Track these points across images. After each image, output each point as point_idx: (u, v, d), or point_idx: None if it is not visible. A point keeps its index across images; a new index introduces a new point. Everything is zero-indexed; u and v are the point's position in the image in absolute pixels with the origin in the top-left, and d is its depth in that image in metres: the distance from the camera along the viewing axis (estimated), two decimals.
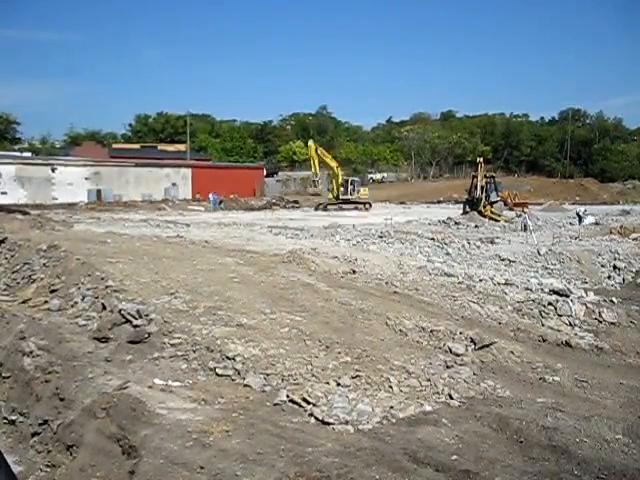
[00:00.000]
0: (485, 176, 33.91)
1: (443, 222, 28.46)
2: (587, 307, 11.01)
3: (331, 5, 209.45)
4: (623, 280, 15.57)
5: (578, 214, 31.48)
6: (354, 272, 12.80)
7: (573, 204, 51.04)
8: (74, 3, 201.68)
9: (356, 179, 48.06)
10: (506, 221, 30.87)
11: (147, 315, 8.31)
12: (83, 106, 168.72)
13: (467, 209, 33.07)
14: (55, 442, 6.28)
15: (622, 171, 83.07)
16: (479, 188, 32.74)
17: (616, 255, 17.73)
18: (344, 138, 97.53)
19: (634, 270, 16.51)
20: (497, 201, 33.53)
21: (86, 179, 46.15)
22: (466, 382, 6.87)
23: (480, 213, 31.64)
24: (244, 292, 9.96)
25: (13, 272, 12.78)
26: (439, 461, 4.78)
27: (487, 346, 8.24)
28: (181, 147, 76.39)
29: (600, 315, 10.70)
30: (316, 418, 5.64)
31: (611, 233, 24.33)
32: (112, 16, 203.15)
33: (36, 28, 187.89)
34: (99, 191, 46.33)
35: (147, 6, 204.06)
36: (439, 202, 54.79)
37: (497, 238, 22.04)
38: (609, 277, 15.76)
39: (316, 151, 44.25)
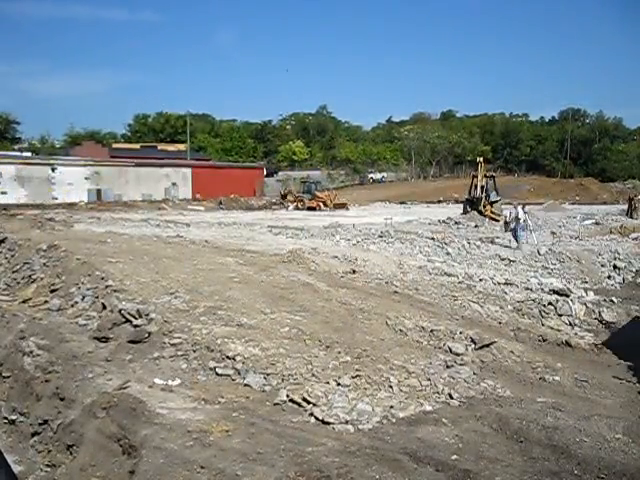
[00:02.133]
0: (485, 176, 33.93)
1: (443, 222, 28.46)
2: (587, 307, 11.03)
3: (331, 5, 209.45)
4: (623, 280, 15.58)
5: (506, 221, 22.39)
6: (354, 272, 12.81)
7: (573, 204, 51.03)
8: None
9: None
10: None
11: (147, 315, 8.32)
12: (85, 105, 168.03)
13: (467, 209, 33.08)
14: (55, 442, 6.29)
15: (622, 171, 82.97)
16: (479, 188, 32.74)
17: (616, 255, 17.75)
18: (344, 138, 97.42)
19: (634, 270, 16.52)
20: (497, 201, 33.56)
21: (86, 179, 46.09)
22: (466, 382, 6.87)
23: (480, 213, 31.65)
24: (244, 292, 9.96)
25: (13, 272, 12.79)
26: (439, 460, 4.78)
27: (487, 346, 8.24)
28: (181, 147, 76.28)
29: (600, 315, 10.71)
30: (316, 418, 5.65)
31: (611, 233, 24.34)
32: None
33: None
34: (99, 191, 46.28)
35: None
36: (439, 202, 54.75)
37: (497, 238, 22.04)
38: (609, 277, 15.76)
39: None
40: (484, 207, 31.88)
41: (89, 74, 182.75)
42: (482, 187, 32.71)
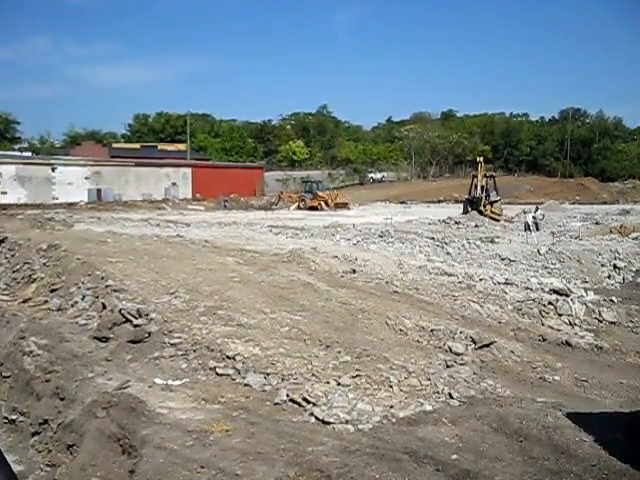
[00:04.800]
0: (485, 175, 33.93)
1: (443, 221, 28.44)
2: (587, 306, 11.02)
3: (331, 5, 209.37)
4: (623, 279, 15.59)
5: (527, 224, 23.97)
6: (354, 272, 12.80)
7: (573, 204, 51.01)
8: None
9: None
10: (506, 220, 30.90)
11: (147, 314, 8.32)
12: (84, 104, 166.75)
13: (467, 208, 33.09)
14: (55, 441, 6.29)
15: (622, 170, 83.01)
16: (479, 187, 32.74)
17: (616, 254, 17.75)
18: (344, 138, 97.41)
19: (634, 269, 16.53)
20: (497, 200, 33.56)
21: (86, 179, 46.12)
22: (466, 381, 6.87)
23: (480, 212, 31.65)
24: (244, 292, 9.96)
25: (13, 272, 12.79)
26: (439, 460, 4.78)
27: (487, 345, 8.24)
28: (181, 147, 76.27)
29: (600, 314, 10.71)
30: (316, 417, 5.64)
31: (611, 232, 24.34)
32: None
33: None
34: (99, 191, 46.31)
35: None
36: (439, 201, 54.78)
37: (497, 238, 22.04)
38: (609, 276, 15.77)
39: None
40: (484, 207, 31.88)
41: (159, 60, 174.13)
42: (482, 187, 32.70)
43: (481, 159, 34.33)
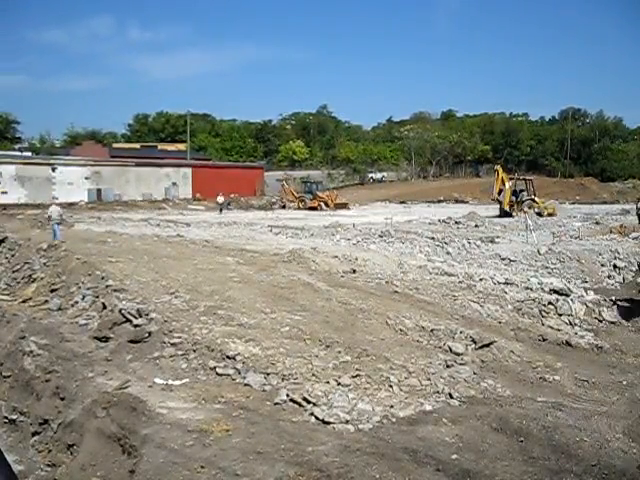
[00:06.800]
0: (510, 178, 36.57)
1: (443, 221, 28.46)
2: (587, 306, 11.01)
3: (331, 4, 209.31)
4: (623, 279, 15.56)
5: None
6: (354, 271, 12.80)
7: (573, 203, 51.00)
8: None
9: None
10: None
11: (147, 314, 8.32)
12: (85, 104, 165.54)
13: (502, 212, 35.17)
14: (55, 441, 6.29)
15: (622, 170, 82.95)
16: (509, 193, 35.16)
17: (616, 254, 17.72)
18: (344, 138, 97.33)
19: (634, 269, 16.50)
20: (530, 199, 35.98)
21: (86, 179, 46.10)
22: (466, 381, 6.87)
23: (509, 214, 34.14)
24: (244, 291, 9.96)
25: (13, 271, 12.80)
26: (439, 460, 4.78)
27: (487, 345, 8.24)
28: (181, 147, 76.25)
29: (600, 314, 10.70)
30: (316, 417, 5.64)
31: (611, 232, 24.32)
32: None
33: None
34: (99, 191, 46.30)
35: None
36: (439, 201, 54.78)
37: (497, 237, 22.03)
38: (609, 276, 15.75)
39: None
40: (512, 207, 34.82)
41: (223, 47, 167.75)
42: (514, 191, 35.81)
43: (498, 167, 37.57)
